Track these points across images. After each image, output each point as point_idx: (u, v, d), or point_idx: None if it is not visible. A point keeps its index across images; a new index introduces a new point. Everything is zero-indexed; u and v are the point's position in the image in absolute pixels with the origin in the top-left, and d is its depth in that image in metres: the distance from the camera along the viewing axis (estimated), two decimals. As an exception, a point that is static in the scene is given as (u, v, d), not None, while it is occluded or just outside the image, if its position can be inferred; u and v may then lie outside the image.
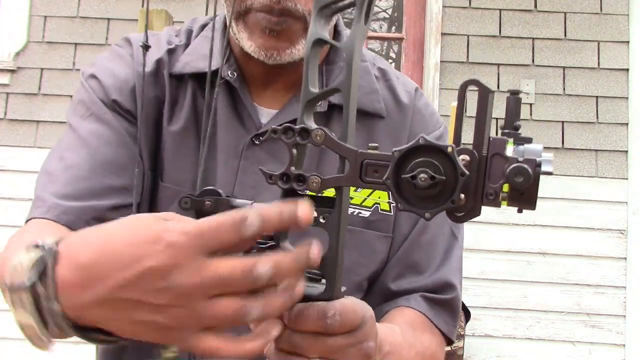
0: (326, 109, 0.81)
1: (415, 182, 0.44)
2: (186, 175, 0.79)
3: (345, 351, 0.52)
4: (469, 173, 0.45)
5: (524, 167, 0.43)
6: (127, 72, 0.82)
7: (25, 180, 3.22)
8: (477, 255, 3.12)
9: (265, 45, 0.76)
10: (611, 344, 3.06)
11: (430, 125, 0.86)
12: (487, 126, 0.45)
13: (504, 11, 3.28)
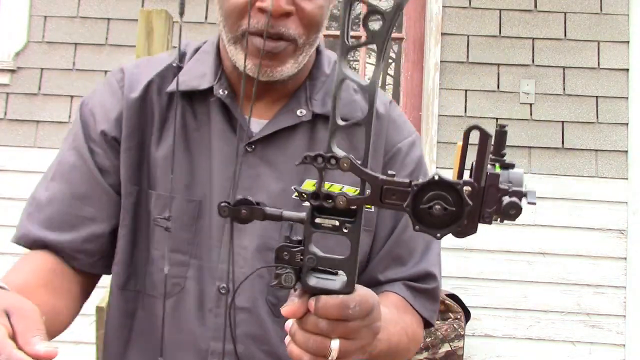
0: (310, 118, 0.91)
1: (430, 211, 0.55)
2: (177, 184, 0.88)
3: (361, 331, 0.63)
4: (472, 204, 0.54)
5: (517, 203, 0.53)
6: (113, 102, 0.93)
7: (25, 180, 3.22)
8: (477, 255, 3.12)
9: (262, 66, 0.84)
10: (611, 344, 3.06)
11: (404, 132, 0.97)
12: (486, 164, 0.57)
13: (504, 11, 3.28)
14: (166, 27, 2.16)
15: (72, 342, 3.11)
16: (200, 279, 0.86)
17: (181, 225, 0.87)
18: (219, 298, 0.86)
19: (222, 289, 0.86)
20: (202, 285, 0.86)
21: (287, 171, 0.88)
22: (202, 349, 0.85)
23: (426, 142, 3.19)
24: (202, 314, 0.86)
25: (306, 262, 0.60)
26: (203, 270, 0.86)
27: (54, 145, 3.24)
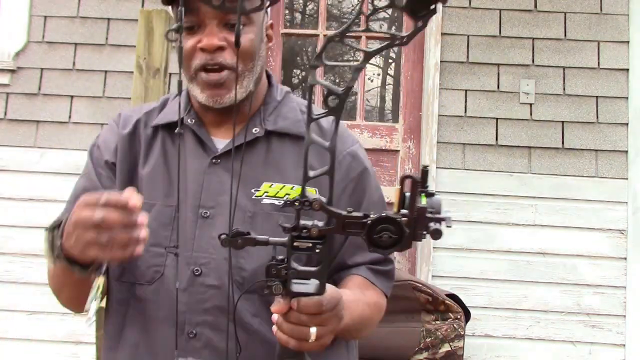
0: (264, 134, 1.14)
1: (380, 239, 0.76)
2: (157, 193, 1.13)
3: (331, 320, 0.87)
4: (408, 231, 0.75)
5: (439, 229, 0.74)
6: (112, 137, 1.20)
7: (25, 180, 3.22)
8: (477, 255, 3.12)
9: (211, 94, 1.09)
10: (611, 344, 3.06)
11: (347, 143, 1.19)
12: (418, 200, 0.74)
13: (504, 11, 3.28)
14: (166, 27, 2.17)
15: (72, 342, 3.12)
16: (176, 265, 1.06)
17: (159, 225, 1.09)
18: (193, 279, 1.08)
19: (196, 271, 1.08)
20: (178, 270, 1.07)
21: (246, 177, 1.10)
22: (180, 321, 1.05)
23: (426, 142, 3.19)
24: (179, 293, 1.06)
25: (289, 274, 0.81)
26: (179, 259, 1.07)
27: (54, 145, 3.24)
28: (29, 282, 3.14)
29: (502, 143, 3.19)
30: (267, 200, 1.10)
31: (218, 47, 1.07)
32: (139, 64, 2.14)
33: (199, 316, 1.06)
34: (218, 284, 1.06)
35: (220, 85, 1.09)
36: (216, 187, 1.11)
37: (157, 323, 1.09)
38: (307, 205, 0.76)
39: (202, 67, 1.08)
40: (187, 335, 1.06)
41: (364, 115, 3.37)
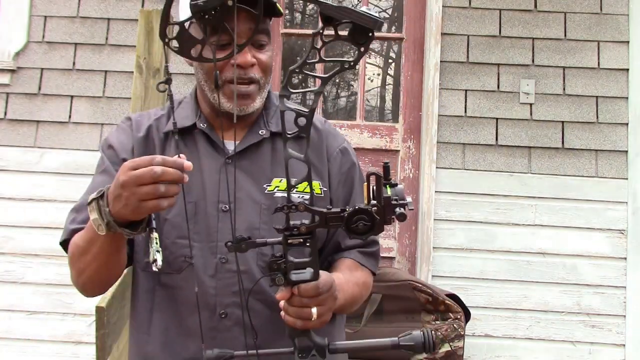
0: (269, 135, 1.28)
1: (357, 227, 0.92)
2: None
3: (327, 300, 1.03)
4: (378, 217, 0.91)
5: (404, 213, 0.90)
6: (128, 139, 1.30)
7: (26, 180, 3.22)
8: (477, 255, 3.12)
9: (239, 103, 1.22)
10: (611, 344, 3.06)
11: (338, 140, 1.35)
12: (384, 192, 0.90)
13: (504, 11, 3.28)
14: (166, 27, 2.17)
15: (73, 342, 3.12)
16: (202, 255, 1.20)
17: (183, 219, 1.18)
18: (220, 266, 1.21)
19: (222, 260, 1.22)
20: (204, 259, 1.21)
21: (257, 174, 1.26)
22: (210, 303, 1.20)
23: (426, 142, 3.19)
24: (207, 280, 1.21)
25: (287, 267, 0.96)
26: (204, 249, 1.21)
27: (54, 145, 3.24)
28: (29, 282, 3.14)
29: (502, 143, 3.19)
30: (279, 193, 1.25)
31: (252, 64, 1.22)
32: (139, 64, 2.14)
33: (228, 298, 1.20)
34: (244, 268, 1.20)
35: (248, 96, 1.23)
36: (232, 184, 1.22)
37: (188, 308, 1.20)
38: (294, 208, 0.92)
39: (232, 80, 1.20)
40: (218, 315, 1.21)
41: (364, 115, 3.37)
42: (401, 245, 3.24)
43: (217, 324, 1.21)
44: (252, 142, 1.27)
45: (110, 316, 1.65)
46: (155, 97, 2.15)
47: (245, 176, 1.25)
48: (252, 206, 1.23)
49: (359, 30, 0.83)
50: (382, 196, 0.90)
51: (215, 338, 1.19)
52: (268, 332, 1.17)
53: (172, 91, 1.02)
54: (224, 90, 1.22)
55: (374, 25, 0.82)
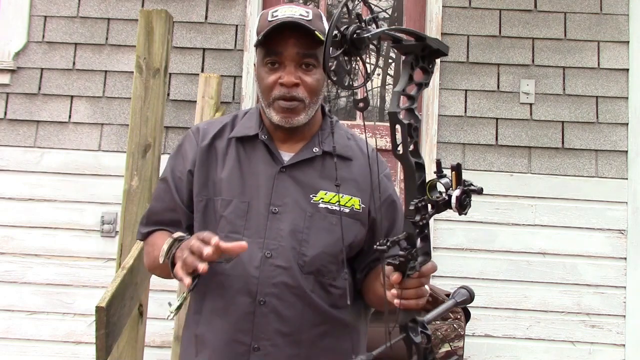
0: (321, 153, 1.43)
1: (465, 204, 1.07)
2: (234, 192, 1.42)
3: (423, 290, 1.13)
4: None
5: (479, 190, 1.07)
6: (192, 150, 1.47)
7: (26, 180, 3.22)
8: (477, 255, 3.12)
9: (284, 117, 1.38)
10: (611, 344, 3.06)
11: (382, 167, 1.51)
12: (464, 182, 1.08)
13: (504, 11, 3.28)
14: (166, 27, 2.17)
15: (73, 342, 3.12)
16: (250, 249, 1.29)
17: (236, 216, 1.39)
18: (264, 260, 1.36)
19: (267, 255, 1.36)
20: (251, 252, 1.33)
21: (306, 185, 1.41)
22: (252, 291, 1.35)
23: (426, 142, 3.19)
24: (252, 271, 1.36)
25: (417, 253, 1.02)
26: (252, 243, 1.33)
27: (54, 145, 3.24)
28: (29, 282, 3.15)
29: (502, 143, 3.19)
30: (322, 204, 1.39)
31: (294, 83, 1.37)
32: (139, 64, 2.14)
33: (268, 288, 1.35)
34: (285, 265, 1.36)
35: (292, 111, 1.38)
36: (283, 190, 1.40)
37: (233, 292, 1.37)
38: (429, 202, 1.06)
39: (280, 97, 1.38)
40: (258, 302, 1.35)
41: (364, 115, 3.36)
42: (401, 245, 3.24)
43: (255, 310, 1.36)
44: (305, 157, 1.43)
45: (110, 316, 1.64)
46: (155, 97, 2.15)
47: (296, 185, 1.41)
48: (298, 212, 1.38)
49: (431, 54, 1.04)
50: (462, 180, 1.07)
51: (251, 321, 1.36)
52: (299, 321, 1.35)
53: None
54: (274, 106, 1.39)
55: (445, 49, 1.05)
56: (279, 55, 1.37)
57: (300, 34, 1.35)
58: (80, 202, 3.18)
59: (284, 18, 1.35)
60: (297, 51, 1.37)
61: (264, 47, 1.39)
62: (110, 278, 1.99)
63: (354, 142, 1.49)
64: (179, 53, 3.27)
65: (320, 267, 1.36)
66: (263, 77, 1.40)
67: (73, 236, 3.17)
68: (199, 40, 3.30)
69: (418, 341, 1.05)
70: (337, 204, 1.39)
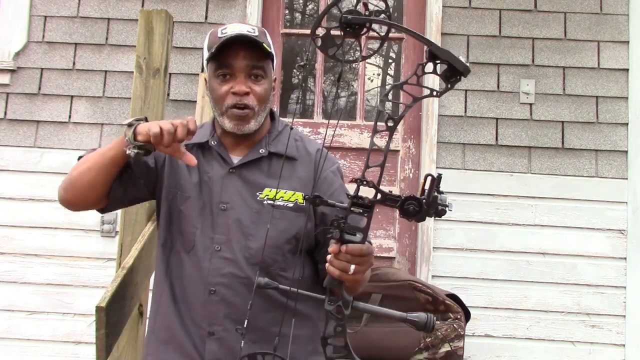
0: (267, 154, 1.57)
1: (408, 209, 1.10)
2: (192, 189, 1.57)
3: (365, 262, 1.20)
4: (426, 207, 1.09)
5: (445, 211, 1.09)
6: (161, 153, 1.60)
7: (26, 180, 3.22)
8: (477, 255, 3.12)
9: (237, 124, 1.54)
10: (611, 344, 3.06)
11: (329, 163, 1.62)
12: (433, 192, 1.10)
13: (504, 11, 3.28)
14: (166, 27, 2.16)
15: (73, 342, 3.12)
16: (202, 243, 1.51)
17: (193, 212, 1.53)
18: (214, 253, 1.51)
19: (217, 248, 1.51)
20: (203, 246, 1.51)
21: (253, 184, 1.54)
22: (205, 281, 1.50)
23: (426, 142, 3.19)
24: (204, 263, 1.51)
25: (345, 227, 1.13)
26: (205, 236, 1.52)
27: (54, 145, 3.24)
28: (29, 282, 3.15)
29: (502, 143, 3.19)
30: (267, 201, 1.51)
31: (245, 92, 1.51)
32: (139, 64, 2.14)
33: (217, 279, 1.49)
34: (232, 257, 1.50)
35: (243, 119, 1.53)
36: (231, 189, 1.53)
37: (189, 279, 1.52)
38: (365, 183, 1.10)
39: (232, 105, 1.52)
40: (209, 291, 1.49)
41: (364, 115, 3.37)
42: (401, 245, 3.24)
43: (207, 297, 1.49)
44: (252, 158, 1.56)
45: (110, 316, 1.64)
46: (155, 97, 2.14)
47: (243, 185, 1.54)
48: (245, 209, 1.51)
49: (451, 70, 1.08)
50: (432, 194, 1.09)
51: (205, 308, 1.49)
52: (246, 308, 1.40)
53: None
54: (227, 114, 1.54)
55: (463, 70, 1.07)
56: (230, 67, 1.51)
57: (249, 48, 1.50)
58: (80, 202, 3.18)
59: (233, 34, 1.49)
60: (247, 63, 1.51)
61: (215, 61, 1.53)
62: (110, 278, 1.99)
63: (301, 143, 1.62)
64: (179, 53, 3.27)
65: (265, 258, 1.47)
66: (215, 88, 1.54)
67: (73, 236, 3.17)
68: (199, 40, 3.30)
69: (329, 308, 1.15)
70: (280, 199, 1.52)
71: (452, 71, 1.08)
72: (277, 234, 1.49)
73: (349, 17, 1.10)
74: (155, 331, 1.58)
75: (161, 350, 1.54)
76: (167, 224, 1.58)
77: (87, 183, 1.48)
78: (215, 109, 1.57)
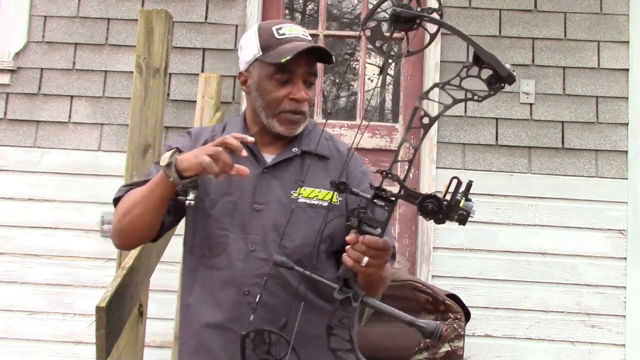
0: (300, 153, 1.56)
1: (426, 207, 1.12)
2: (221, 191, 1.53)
3: (380, 257, 1.21)
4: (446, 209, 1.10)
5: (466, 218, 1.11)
6: (187, 144, 1.59)
7: (26, 180, 3.22)
8: (477, 255, 3.12)
9: (289, 128, 1.54)
10: (611, 344, 3.06)
11: (358, 163, 1.62)
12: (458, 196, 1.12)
13: (504, 11, 3.28)
14: (166, 27, 2.17)
15: (73, 342, 3.12)
16: (236, 244, 1.49)
17: (223, 214, 1.51)
18: (248, 253, 1.48)
19: (251, 248, 1.48)
20: (237, 247, 1.49)
21: (287, 183, 1.53)
22: (237, 282, 1.48)
23: (426, 142, 3.19)
24: (237, 264, 1.48)
25: (364, 217, 1.15)
26: (238, 239, 1.49)
27: (53, 145, 3.24)
28: (29, 282, 3.15)
29: (502, 143, 3.19)
30: (301, 199, 1.50)
31: (305, 100, 1.52)
32: (139, 64, 2.14)
33: (252, 279, 1.46)
34: (267, 257, 1.47)
35: (296, 123, 1.54)
36: (265, 189, 1.52)
37: (220, 282, 1.49)
38: (390, 176, 1.11)
39: (290, 110, 1.52)
40: (243, 292, 1.47)
41: (364, 115, 3.37)
42: (401, 245, 3.24)
43: (241, 299, 1.47)
44: (285, 157, 1.55)
45: (110, 316, 1.64)
46: (155, 97, 2.14)
47: (277, 184, 1.53)
48: (280, 208, 1.49)
49: (495, 76, 1.08)
50: (455, 198, 1.11)
51: (238, 310, 1.47)
52: (282, 309, 1.43)
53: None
54: (279, 117, 1.53)
55: (507, 77, 1.06)
56: (292, 72, 1.51)
57: (309, 55, 1.50)
58: (80, 202, 3.18)
59: (292, 37, 1.52)
60: (306, 70, 1.52)
61: (274, 64, 1.51)
62: (110, 278, 1.99)
63: (331, 142, 1.64)
64: (179, 53, 3.27)
65: (301, 258, 1.44)
66: (270, 90, 1.52)
67: (73, 236, 3.17)
68: (199, 40, 3.30)
69: (338, 297, 1.16)
70: (315, 198, 1.51)
71: (496, 77, 1.09)
72: (313, 233, 1.47)
73: (398, 9, 1.12)
74: (185, 340, 1.56)
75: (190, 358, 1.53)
76: (194, 230, 1.55)
77: (143, 227, 1.47)
78: (266, 110, 1.54)
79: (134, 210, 1.45)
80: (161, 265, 2.20)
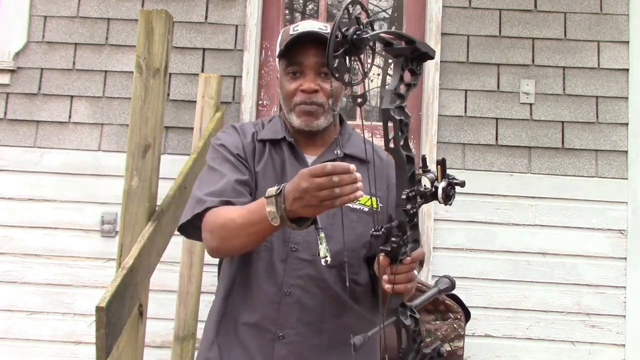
0: (342, 156, 1.47)
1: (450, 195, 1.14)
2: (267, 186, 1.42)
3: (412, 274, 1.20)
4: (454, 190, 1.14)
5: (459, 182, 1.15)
6: (237, 140, 1.58)
7: (26, 180, 3.22)
8: (477, 255, 3.12)
9: (305, 120, 1.53)
10: (611, 344, 3.06)
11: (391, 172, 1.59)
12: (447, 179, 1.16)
13: (504, 11, 3.28)
14: (166, 27, 2.16)
15: (73, 342, 3.12)
16: (277, 243, 1.47)
17: None
18: (290, 253, 1.47)
19: (293, 248, 1.47)
20: (278, 247, 1.47)
21: None
22: (278, 282, 1.46)
23: (426, 142, 3.19)
24: (278, 263, 1.47)
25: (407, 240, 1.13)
26: (279, 236, 1.47)
27: (54, 145, 3.24)
28: (29, 282, 3.15)
29: (502, 143, 3.19)
30: None
31: (314, 90, 1.50)
32: (139, 64, 2.14)
33: (293, 280, 1.45)
34: (309, 258, 1.46)
35: (311, 114, 1.52)
36: None
37: (258, 281, 1.48)
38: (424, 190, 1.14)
39: (301, 102, 1.51)
40: (283, 293, 1.46)
41: (363, 114, 3.37)
42: (401, 245, 3.24)
43: (281, 299, 1.46)
44: (328, 159, 1.51)
45: (110, 316, 1.64)
46: (155, 97, 2.14)
47: None
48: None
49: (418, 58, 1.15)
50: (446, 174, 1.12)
51: (276, 310, 1.46)
52: (322, 311, 1.44)
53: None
54: (295, 111, 1.53)
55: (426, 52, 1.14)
56: (299, 64, 1.51)
57: (319, 45, 1.47)
58: (80, 202, 3.18)
59: (303, 32, 1.49)
60: (316, 61, 1.50)
61: (286, 59, 1.52)
62: (110, 278, 1.99)
63: (370, 147, 1.63)
64: (179, 53, 3.27)
65: (342, 261, 1.42)
66: (285, 85, 1.54)
67: (73, 236, 3.17)
68: (199, 40, 3.30)
69: (408, 324, 1.11)
70: (357, 202, 1.48)
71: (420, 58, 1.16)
72: (355, 238, 1.46)
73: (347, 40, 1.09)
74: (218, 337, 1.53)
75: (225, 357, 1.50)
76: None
77: (247, 245, 1.42)
78: (285, 106, 1.56)
79: (235, 240, 1.39)
80: (161, 265, 2.20)
